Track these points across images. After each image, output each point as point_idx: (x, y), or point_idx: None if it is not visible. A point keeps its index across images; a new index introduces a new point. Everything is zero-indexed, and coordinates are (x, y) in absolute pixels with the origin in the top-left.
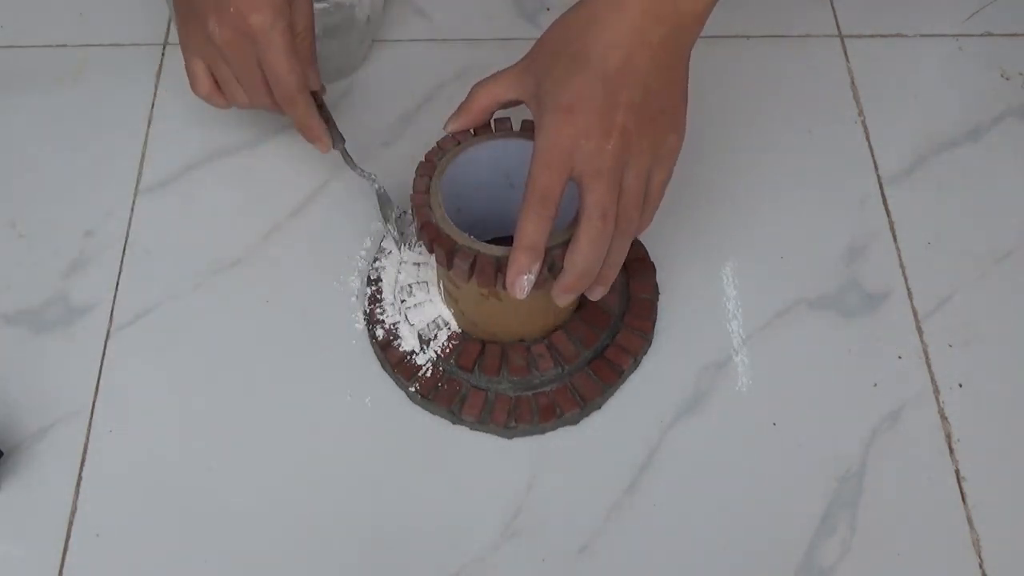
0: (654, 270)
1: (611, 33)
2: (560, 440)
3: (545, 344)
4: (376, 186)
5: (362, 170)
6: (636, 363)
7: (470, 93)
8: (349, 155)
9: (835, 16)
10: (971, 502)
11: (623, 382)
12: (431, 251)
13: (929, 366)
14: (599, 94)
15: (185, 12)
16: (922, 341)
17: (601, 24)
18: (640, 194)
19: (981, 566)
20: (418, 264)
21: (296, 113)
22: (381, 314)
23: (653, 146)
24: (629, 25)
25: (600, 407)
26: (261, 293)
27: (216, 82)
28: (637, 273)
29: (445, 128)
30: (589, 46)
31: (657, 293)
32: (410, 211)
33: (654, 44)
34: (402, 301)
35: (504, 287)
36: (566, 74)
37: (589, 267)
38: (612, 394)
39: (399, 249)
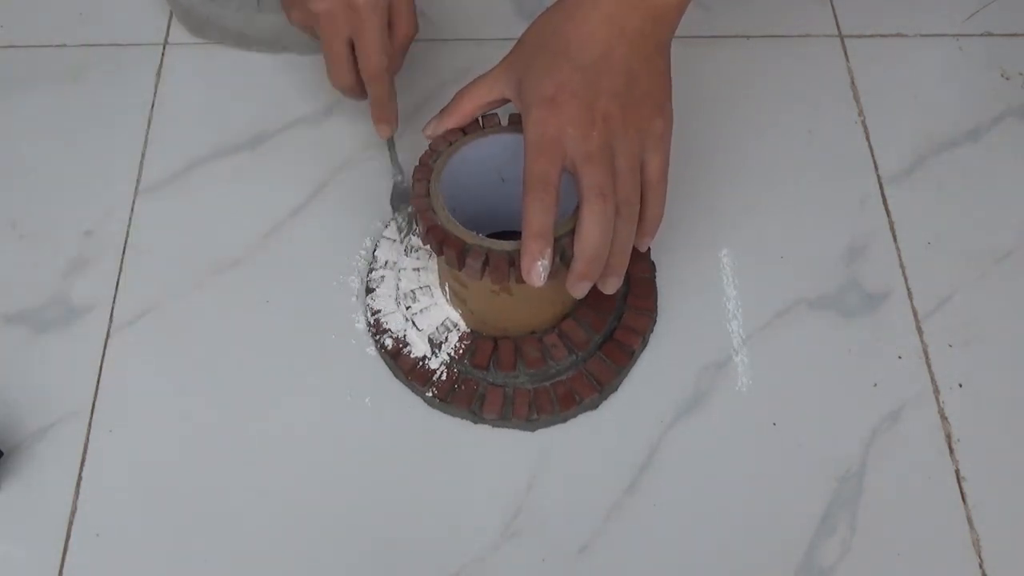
0: (648, 249)
1: (588, 26)
2: (580, 428)
3: (556, 333)
4: (400, 179)
5: (400, 164)
6: (645, 342)
7: (454, 99)
8: (395, 146)
9: (835, 16)
10: (971, 502)
11: (635, 363)
12: (440, 253)
13: (929, 366)
14: (580, 83)
15: None
16: (922, 341)
17: (578, 19)
18: (634, 177)
19: (981, 566)
20: (418, 270)
21: (378, 92)
22: (387, 324)
23: (640, 131)
24: (605, 17)
25: (616, 389)
26: (261, 293)
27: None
28: (631, 255)
29: (424, 132)
30: (568, 40)
31: (654, 270)
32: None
33: (631, 34)
34: (407, 308)
35: (517, 280)
36: (547, 67)
37: (597, 250)
38: (626, 375)
39: (400, 239)
